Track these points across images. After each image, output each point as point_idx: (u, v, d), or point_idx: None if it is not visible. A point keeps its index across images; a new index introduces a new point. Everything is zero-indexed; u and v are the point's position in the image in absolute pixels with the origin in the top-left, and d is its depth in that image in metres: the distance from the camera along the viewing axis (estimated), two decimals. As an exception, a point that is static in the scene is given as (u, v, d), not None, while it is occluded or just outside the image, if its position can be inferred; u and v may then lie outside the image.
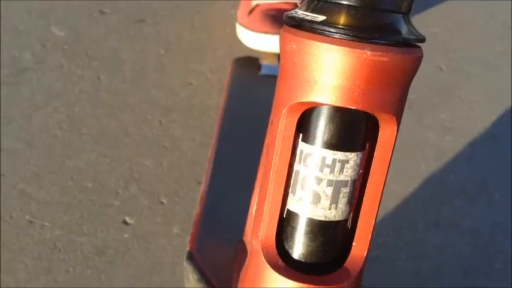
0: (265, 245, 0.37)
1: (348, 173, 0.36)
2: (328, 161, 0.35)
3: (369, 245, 0.38)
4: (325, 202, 0.36)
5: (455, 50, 1.27)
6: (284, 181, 0.37)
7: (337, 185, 0.36)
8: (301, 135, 0.36)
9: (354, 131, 0.36)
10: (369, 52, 0.31)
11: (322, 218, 0.37)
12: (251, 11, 1.17)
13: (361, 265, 0.37)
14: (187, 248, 0.54)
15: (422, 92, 1.16)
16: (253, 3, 1.18)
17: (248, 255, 0.40)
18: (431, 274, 0.87)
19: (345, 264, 0.37)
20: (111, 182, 0.92)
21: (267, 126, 0.44)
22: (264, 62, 1.05)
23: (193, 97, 1.10)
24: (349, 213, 0.38)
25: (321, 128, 0.35)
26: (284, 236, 0.38)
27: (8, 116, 1.01)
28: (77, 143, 0.98)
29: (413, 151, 1.04)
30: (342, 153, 0.35)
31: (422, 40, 0.34)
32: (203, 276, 0.50)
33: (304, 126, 0.36)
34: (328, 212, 0.37)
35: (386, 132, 0.35)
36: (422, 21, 1.32)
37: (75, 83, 1.08)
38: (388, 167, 0.36)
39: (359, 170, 0.37)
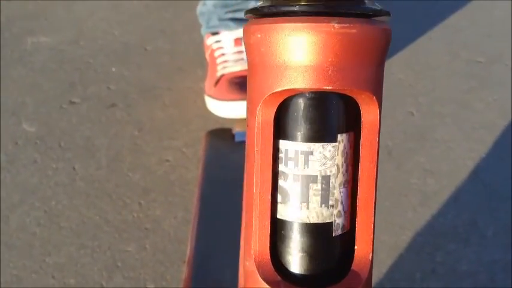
0: (260, 262, 0.34)
1: (315, 167, 0.33)
2: (291, 153, 0.33)
3: (373, 244, 0.34)
4: (295, 201, 0.33)
5: (424, 93, 1.29)
6: (270, 187, 0.33)
7: (303, 181, 0.33)
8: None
9: (320, 118, 0.33)
10: (336, 25, 0.29)
11: (296, 220, 0.33)
12: (217, 82, 1.19)
13: (368, 267, 0.34)
14: None
15: (398, 138, 1.16)
16: (218, 74, 1.20)
17: (243, 284, 0.36)
18: (436, 325, 0.83)
19: (352, 268, 0.34)
20: (94, 275, 0.89)
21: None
22: (237, 129, 1.06)
23: (171, 174, 1.09)
24: (330, 216, 0.34)
25: (283, 119, 0.33)
26: (278, 249, 0.35)
27: (-17, 219, 0.98)
28: (56, 238, 0.95)
29: (399, 199, 1.03)
30: (304, 143, 0.32)
31: (387, 13, 0.33)
32: None
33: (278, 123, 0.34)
34: (300, 212, 0.33)
35: (368, 115, 0.33)
36: (386, 69, 1.34)
37: (50, 177, 1.07)
38: (377, 154, 0.34)
39: (332, 165, 0.34)
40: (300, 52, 0.30)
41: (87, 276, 0.89)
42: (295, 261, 0.34)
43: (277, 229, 0.34)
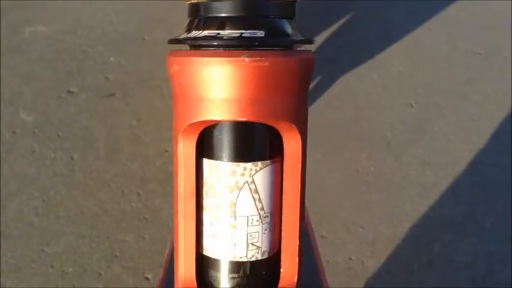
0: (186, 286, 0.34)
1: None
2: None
3: (299, 269, 0.34)
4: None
5: (423, 85, 1.29)
6: (194, 219, 0.33)
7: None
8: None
9: (240, 141, 0.33)
10: (246, 59, 0.29)
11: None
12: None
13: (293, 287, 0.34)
14: None
15: (397, 130, 1.16)
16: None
17: None
18: (433, 316, 0.84)
19: None
20: (92, 264, 0.89)
21: None
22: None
23: (169, 164, 1.09)
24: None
25: (206, 141, 0.33)
26: (205, 277, 0.35)
27: (-18, 209, 0.98)
28: (55, 228, 0.95)
29: (397, 190, 1.03)
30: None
31: (309, 41, 0.33)
32: None
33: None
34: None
35: (290, 143, 0.33)
36: (386, 61, 1.34)
37: (48, 167, 1.07)
38: (302, 182, 0.34)
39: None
40: (214, 85, 0.31)
41: (85, 265, 0.89)
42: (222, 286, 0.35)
43: (203, 260, 0.35)
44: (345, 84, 1.27)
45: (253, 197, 0.33)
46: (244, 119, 0.31)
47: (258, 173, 0.33)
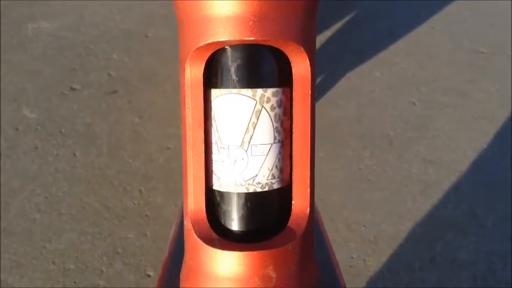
0: (196, 220, 0.33)
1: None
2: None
3: (311, 200, 0.33)
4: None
5: (425, 82, 1.29)
6: (202, 147, 0.33)
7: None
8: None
9: (248, 67, 0.32)
10: None
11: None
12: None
13: (305, 223, 0.33)
14: None
15: (399, 128, 1.16)
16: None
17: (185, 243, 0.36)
18: (435, 314, 0.84)
19: (288, 225, 0.33)
20: (94, 261, 0.89)
21: None
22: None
23: (171, 161, 1.09)
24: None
25: (214, 71, 0.33)
26: (215, 209, 0.34)
27: (-16, 205, 0.99)
28: (57, 224, 0.96)
29: (399, 188, 1.03)
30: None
31: None
32: None
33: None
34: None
35: (299, 67, 0.32)
36: (389, 59, 1.34)
37: (50, 163, 1.07)
38: (312, 109, 0.33)
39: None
40: (221, 3, 0.30)
41: (87, 262, 0.89)
42: (230, 219, 0.34)
43: (213, 193, 0.34)
44: (347, 82, 1.27)
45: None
46: (251, 38, 0.30)
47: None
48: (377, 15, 1.47)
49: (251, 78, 0.32)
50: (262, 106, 0.33)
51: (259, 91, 0.32)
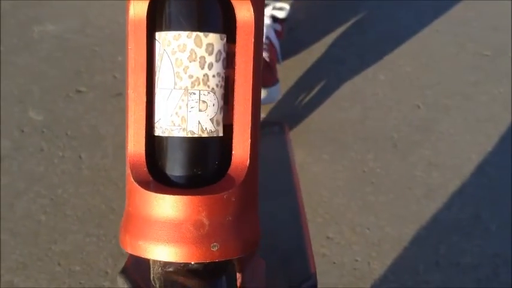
0: (134, 164, 0.33)
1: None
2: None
3: (252, 151, 0.33)
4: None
5: (430, 85, 1.29)
6: (144, 88, 0.32)
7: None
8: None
9: (190, 9, 0.32)
10: None
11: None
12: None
13: (243, 174, 0.33)
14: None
15: (404, 131, 1.16)
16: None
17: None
18: (439, 317, 0.84)
19: (227, 174, 0.33)
20: (99, 262, 0.90)
21: None
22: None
23: (176, 164, 1.09)
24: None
25: (158, 13, 0.33)
26: (159, 153, 0.34)
27: (-10, 206, 0.99)
28: (62, 226, 0.96)
29: (403, 191, 1.03)
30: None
31: None
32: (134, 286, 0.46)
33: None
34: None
35: (241, 12, 0.32)
36: (393, 62, 1.34)
37: (56, 165, 1.08)
38: (256, 59, 0.32)
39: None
40: None
41: (92, 263, 0.90)
42: (169, 164, 0.34)
43: (154, 142, 0.34)
44: (351, 85, 1.27)
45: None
46: None
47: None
48: (381, 17, 1.47)
49: (163, 21, 0.33)
50: (164, 49, 0.32)
51: (162, 34, 0.32)
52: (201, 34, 0.32)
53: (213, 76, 0.33)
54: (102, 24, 1.44)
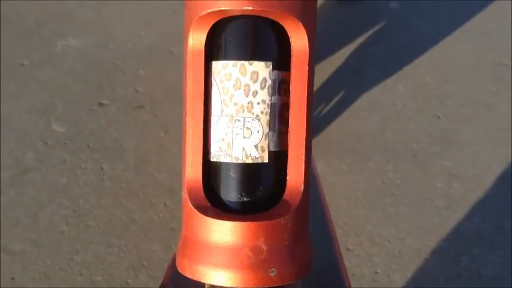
0: (192, 189, 0.33)
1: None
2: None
3: (305, 175, 0.34)
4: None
5: (450, 95, 1.28)
6: (201, 116, 0.33)
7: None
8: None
9: (248, 38, 0.33)
10: None
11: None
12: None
13: (298, 199, 0.33)
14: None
15: (424, 142, 1.15)
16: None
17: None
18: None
19: (282, 200, 0.33)
20: (120, 273, 0.91)
21: None
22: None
23: (196, 175, 1.10)
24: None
25: (216, 42, 0.34)
26: (211, 179, 0.35)
27: (14, 217, 1.01)
28: (84, 236, 0.98)
29: (424, 203, 1.02)
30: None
31: None
32: None
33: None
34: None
35: (297, 42, 0.32)
36: (413, 72, 1.34)
37: (78, 176, 1.10)
38: (309, 86, 0.33)
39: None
40: None
41: (113, 274, 0.91)
42: (225, 189, 0.34)
43: (210, 167, 0.35)
44: (371, 95, 1.27)
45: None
46: (250, 8, 0.31)
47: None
48: (400, 27, 1.47)
49: (214, 52, 0.34)
50: (214, 78, 0.34)
51: (213, 63, 0.34)
52: (245, 63, 0.33)
53: (258, 103, 0.34)
54: (124, 38, 1.47)
